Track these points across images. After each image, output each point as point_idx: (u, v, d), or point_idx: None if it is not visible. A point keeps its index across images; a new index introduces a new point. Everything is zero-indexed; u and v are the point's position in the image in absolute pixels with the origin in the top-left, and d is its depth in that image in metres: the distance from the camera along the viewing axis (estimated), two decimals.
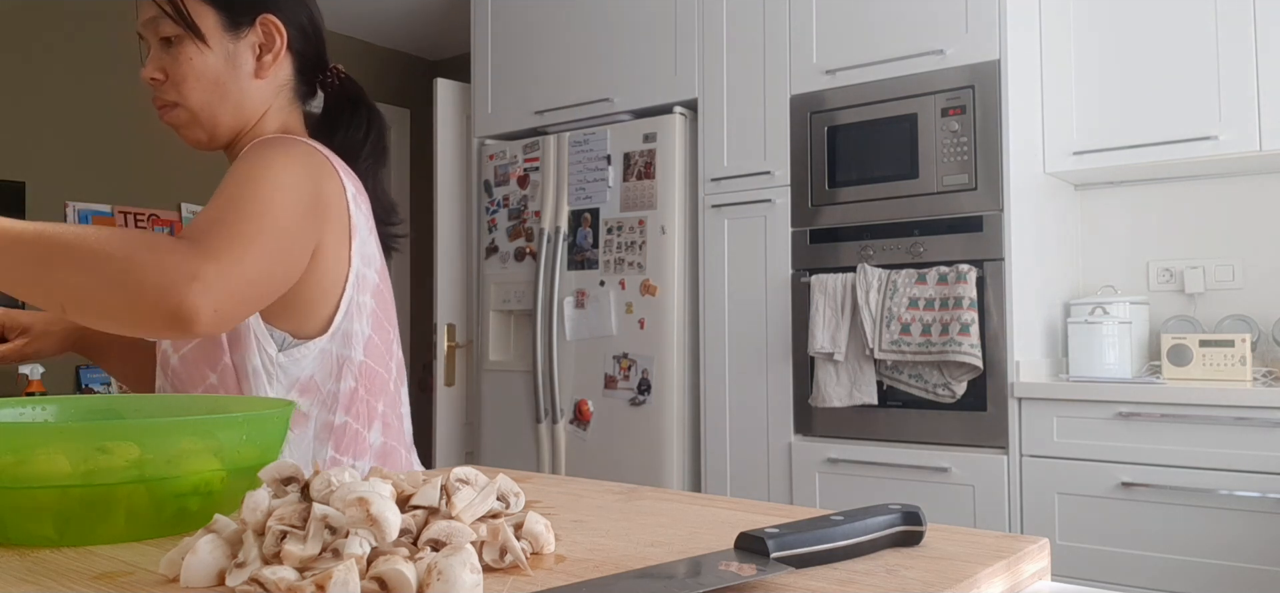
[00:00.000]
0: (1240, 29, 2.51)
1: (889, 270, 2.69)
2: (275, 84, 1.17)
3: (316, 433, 1.09)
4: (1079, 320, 2.66)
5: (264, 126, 1.17)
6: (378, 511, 0.50)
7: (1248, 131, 2.50)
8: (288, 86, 1.19)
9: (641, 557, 0.57)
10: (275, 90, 1.18)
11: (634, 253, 3.15)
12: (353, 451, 1.11)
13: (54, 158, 3.85)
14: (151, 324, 0.84)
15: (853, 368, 2.73)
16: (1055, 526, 2.47)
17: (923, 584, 0.49)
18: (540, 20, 3.53)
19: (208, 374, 1.07)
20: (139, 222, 4.08)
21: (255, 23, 1.14)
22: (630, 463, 3.12)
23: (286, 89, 1.19)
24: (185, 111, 1.12)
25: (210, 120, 1.13)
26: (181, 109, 1.12)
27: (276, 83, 1.18)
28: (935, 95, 2.67)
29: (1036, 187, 2.75)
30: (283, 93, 1.19)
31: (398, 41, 4.99)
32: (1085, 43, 2.74)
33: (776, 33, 2.98)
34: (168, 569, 0.52)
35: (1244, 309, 2.77)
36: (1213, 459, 2.28)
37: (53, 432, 0.60)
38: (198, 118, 1.12)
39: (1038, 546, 0.58)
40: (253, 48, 1.15)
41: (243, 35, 1.14)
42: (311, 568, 0.48)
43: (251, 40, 1.14)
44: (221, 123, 1.13)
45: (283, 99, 1.19)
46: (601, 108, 3.34)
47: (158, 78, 1.11)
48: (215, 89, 1.12)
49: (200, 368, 1.07)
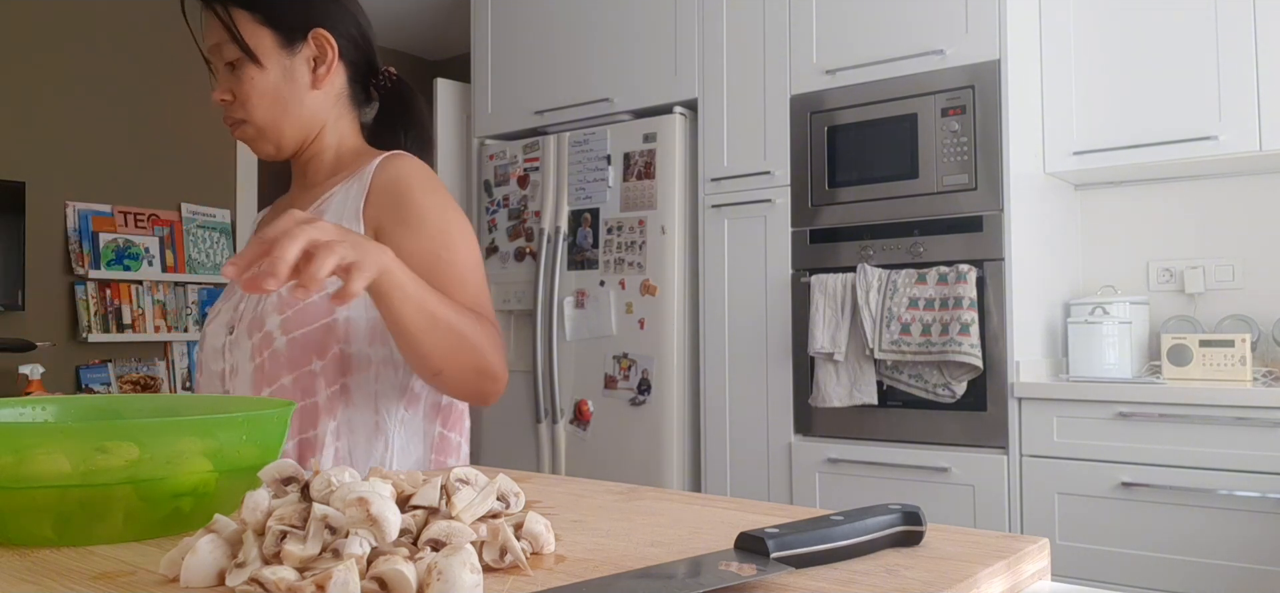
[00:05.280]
0: (1240, 29, 2.51)
1: (889, 270, 2.69)
2: (332, 93, 1.25)
3: (426, 412, 1.19)
4: (1079, 320, 2.66)
5: (326, 135, 1.25)
6: (378, 511, 0.50)
7: (1248, 131, 2.50)
8: (344, 95, 1.27)
9: (641, 557, 0.57)
10: (333, 99, 1.25)
11: (634, 253, 3.15)
12: (458, 428, 1.23)
13: (54, 158, 3.85)
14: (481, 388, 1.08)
15: (853, 368, 2.73)
16: (1055, 526, 2.47)
17: (923, 584, 0.49)
18: (540, 20, 3.53)
19: (314, 360, 1.11)
20: (139, 221, 4.08)
21: (307, 37, 1.21)
22: (630, 463, 3.12)
23: (343, 97, 1.27)
24: (253, 128, 1.20)
25: (276, 134, 1.20)
26: (249, 126, 1.19)
27: (333, 92, 1.25)
28: (935, 95, 2.67)
29: (1036, 187, 2.75)
30: (340, 101, 1.26)
31: (398, 41, 4.98)
32: (1085, 43, 2.74)
33: (776, 33, 2.98)
34: (168, 569, 0.52)
35: (1244, 309, 2.77)
36: (1213, 459, 2.28)
37: (52, 432, 0.60)
38: (265, 133, 1.20)
39: (1038, 546, 0.58)
40: (308, 61, 1.22)
41: (297, 51, 1.21)
42: (311, 568, 0.48)
43: (305, 55, 1.22)
44: (286, 135, 1.21)
45: (341, 107, 1.26)
46: (601, 108, 3.34)
47: (226, 99, 1.19)
48: (277, 105, 1.19)
49: (308, 354, 1.11)
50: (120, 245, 4.00)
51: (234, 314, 1.20)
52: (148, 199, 4.13)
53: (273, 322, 1.12)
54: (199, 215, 4.27)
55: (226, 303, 1.24)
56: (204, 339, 1.23)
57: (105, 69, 3.99)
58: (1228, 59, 2.53)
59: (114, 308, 3.97)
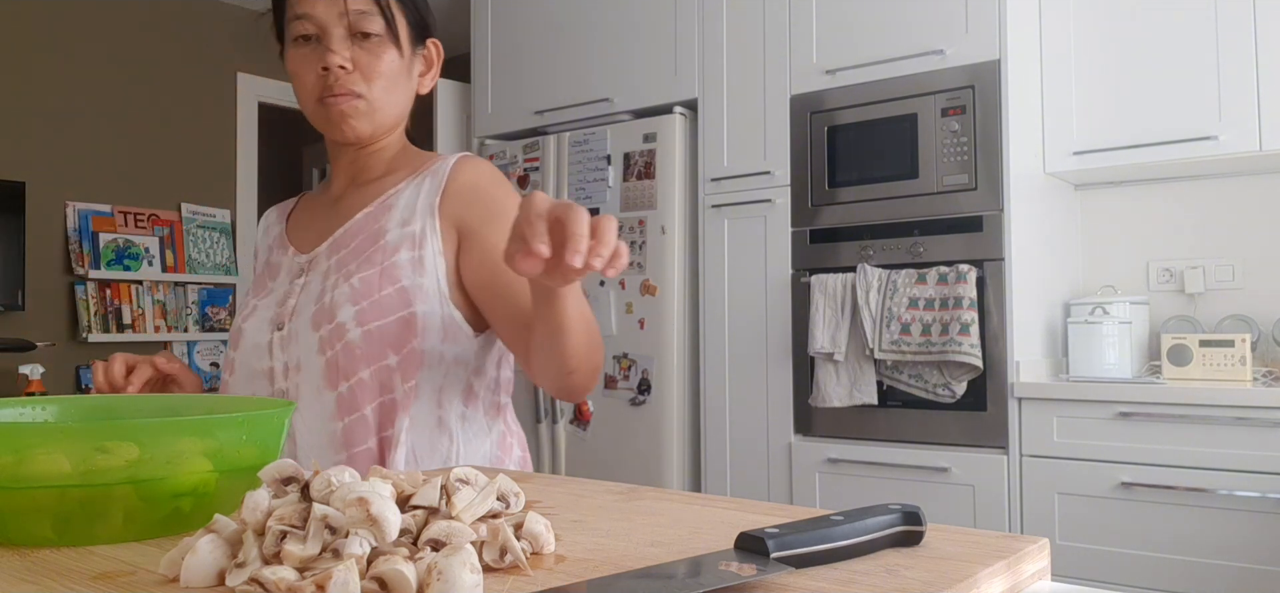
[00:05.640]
0: (1240, 29, 2.51)
1: (889, 270, 2.69)
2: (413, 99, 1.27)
3: (486, 411, 1.20)
4: (1079, 320, 2.66)
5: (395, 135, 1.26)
6: (378, 511, 0.50)
7: (1248, 131, 2.50)
8: None
9: (641, 557, 0.57)
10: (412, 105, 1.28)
11: (634, 253, 3.15)
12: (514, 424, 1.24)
13: (54, 158, 3.85)
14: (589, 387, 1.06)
15: (853, 368, 2.73)
16: (1055, 526, 2.47)
17: (923, 584, 0.49)
18: (540, 20, 3.53)
19: (389, 353, 1.10)
20: (139, 221, 4.08)
21: (426, 41, 1.24)
22: (630, 463, 3.12)
23: None
24: (366, 103, 1.17)
25: (382, 118, 1.19)
26: (362, 101, 1.16)
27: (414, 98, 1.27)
28: (935, 95, 2.67)
29: (1036, 187, 2.75)
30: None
31: None
32: (1085, 43, 2.74)
33: (776, 33, 2.98)
34: (168, 569, 0.52)
35: (1244, 309, 2.77)
36: (1212, 459, 2.28)
37: (52, 432, 0.60)
38: (374, 113, 1.18)
39: (1038, 546, 0.58)
40: (422, 61, 1.25)
41: (418, 51, 1.23)
42: (311, 568, 0.48)
43: (422, 55, 1.24)
44: (386, 122, 1.20)
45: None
46: (601, 108, 3.34)
47: (346, 66, 1.15)
48: (394, 90, 1.19)
49: (383, 347, 1.10)
50: (120, 245, 4.00)
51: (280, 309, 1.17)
52: (148, 199, 4.13)
53: (346, 313, 1.10)
54: (199, 215, 4.27)
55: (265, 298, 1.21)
56: (239, 337, 1.20)
57: (105, 69, 3.99)
58: (1228, 59, 2.53)
59: (114, 308, 3.97)
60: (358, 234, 1.18)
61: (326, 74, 1.15)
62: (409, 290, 1.11)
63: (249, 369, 1.17)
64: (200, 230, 4.26)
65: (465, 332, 1.15)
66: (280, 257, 1.26)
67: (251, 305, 1.22)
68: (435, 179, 1.18)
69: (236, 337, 1.21)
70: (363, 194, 1.23)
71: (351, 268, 1.14)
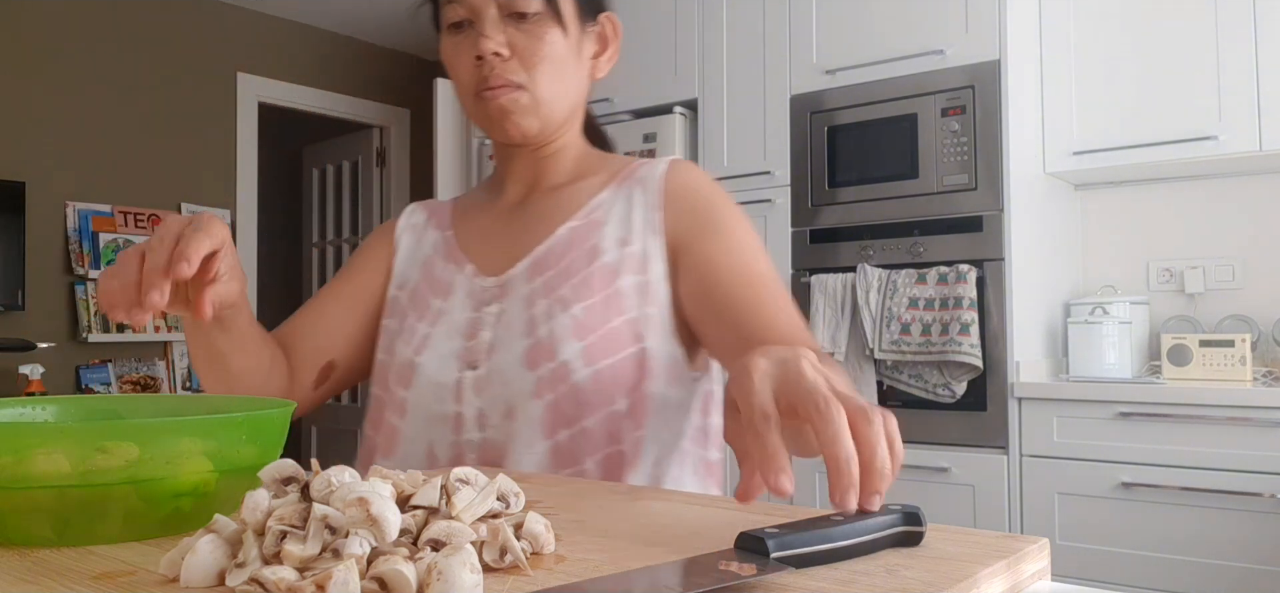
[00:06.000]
0: (1240, 29, 2.51)
1: (889, 270, 2.69)
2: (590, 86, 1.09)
3: (695, 469, 1.04)
4: (1079, 320, 2.66)
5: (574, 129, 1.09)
6: (378, 511, 0.50)
7: (1248, 132, 2.50)
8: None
9: (641, 557, 0.57)
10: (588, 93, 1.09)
11: None
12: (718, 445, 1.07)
13: (54, 158, 3.85)
14: None
15: (853, 368, 2.73)
16: (1055, 526, 2.47)
17: (923, 584, 0.49)
18: None
19: (618, 398, 0.95)
20: (139, 221, 4.08)
21: (598, 17, 1.07)
22: None
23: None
24: (529, 96, 1.00)
25: (550, 111, 1.02)
26: (525, 93, 0.99)
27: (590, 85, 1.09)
28: (935, 95, 2.67)
29: (1036, 187, 2.75)
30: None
31: (398, 41, 4.99)
32: (1085, 43, 2.74)
33: (776, 33, 2.98)
34: (168, 569, 0.52)
35: (1244, 309, 2.77)
36: (1213, 459, 2.28)
37: (52, 432, 0.60)
38: (540, 106, 1.01)
39: (1038, 546, 0.58)
40: (594, 41, 1.07)
41: (588, 29, 1.05)
42: (311, 568, 0.48)
43: (594, 33, 1.07)
44: (556, 116, 1.03)
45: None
46: (601, 108, 3.34)
47: (503, 53, 0.98)
48: (563, 77, 1.02)
49: (613, 391, 0.95)
50: (120, 245, 4.00)
51: (470, 344, 0.99)
52: (148, 199, 4.13)
53: (570, 349, 0.93)
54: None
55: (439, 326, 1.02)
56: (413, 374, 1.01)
57: (105, 69, 3.99)
58: (1228, 59, 2.53)
59: None
60: (566, 253, 1.01)
61: (481, 63, 0.98)
62: (638, 323, 0.96)
63: (428, 413, 1.00)
64: None
65: (687, 372, 1.00)
66: (451, 273, 1.07)
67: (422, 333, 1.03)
68: (647, 189, 1.02)
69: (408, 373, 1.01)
70: (552, 203, 1.06)
71: (567, 295, 0.97)
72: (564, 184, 1.07)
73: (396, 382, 1.02)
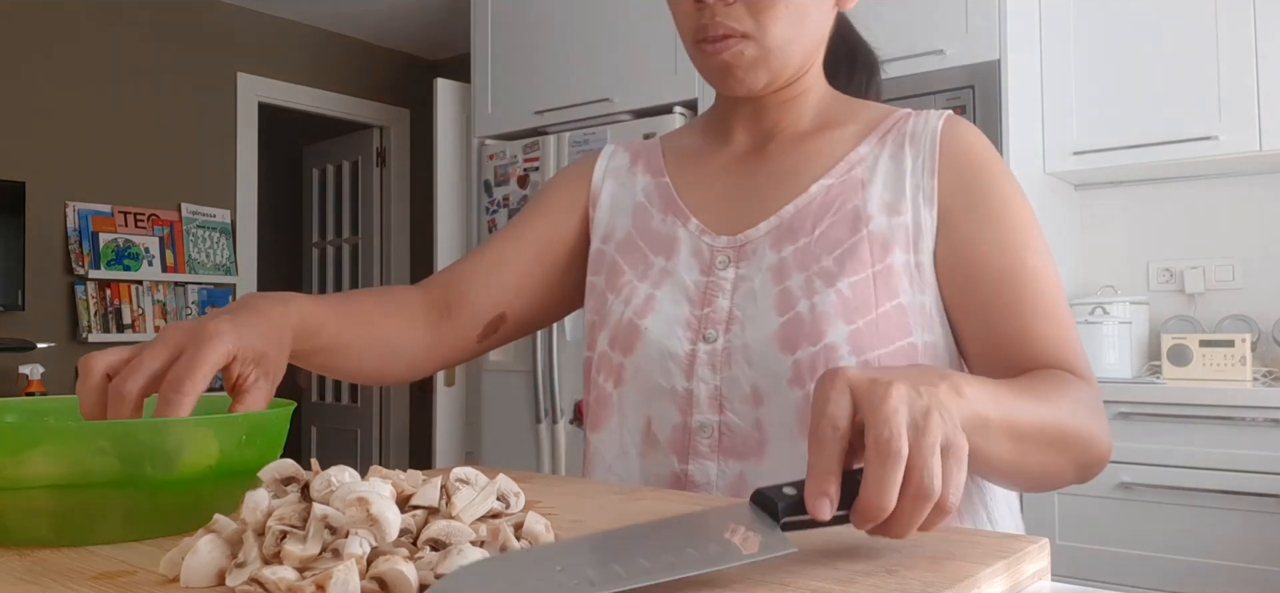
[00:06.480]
0: (1240, 29, 2.51)
1: None
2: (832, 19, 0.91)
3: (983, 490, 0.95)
4: (1079, 320, 2.66)
5: (814, 71, 0.93)
6: (378, 511, 0.50)
7: (1248, 132, 2.50)
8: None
9: None
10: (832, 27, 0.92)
11: None
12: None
13: (54, 158, 3.85)
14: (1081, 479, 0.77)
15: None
16: (1055, 526, 2.47)
17: (923, 584, 0.49)
18: (540, 20, 3.53)
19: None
20: (139, 221, 4.08)
21: None
22: None
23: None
24: (756, 47, 0.84)
25: (782, 61, 0.86)
26: (752, 44, 0.84)
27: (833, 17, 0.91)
28: (935, 95, 2.67)
29: (1036, 187, 2.74)
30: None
31: (398, 41, 4.99)
32: (1085, 43, 2.74)
33: None
34: (168, 569, 0.52)
35: (1244, 309, 2.77)
36: (1213, 459, 2.28)
37: (52, 432, 0.60)
38: (769, 56, 0.85)
39: (1038, 546, 0.58)
40: None
41: None
42: (311, 568, 0.48)
43: None
44: (790, 64, 0.87)
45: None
46: (601, 108, 3.34)
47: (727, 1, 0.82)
48: (799, 21, 0.85)
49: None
50: (120, 245, 4.00)
51: (705, 312, 0.86)
52: (148, 199, 4.13)
53: (837, 332, 0.80)
54: (199, 215, 4.27)
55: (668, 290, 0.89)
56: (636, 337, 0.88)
57: (105, 69, 3.99)
58: (1228, 59, 2.53)
59: (114, 308, 3.97)
60: (822, 216, 0.86)
61: (701, 8, 0.84)
62: (908, 310, 0.82)
63: (650, 385, 0.87)
64: (200, 230, 4.26)
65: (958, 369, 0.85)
66: (672, 226, 0.93)
67: (644, 293, 0.90)
68: (919, 147, 0.87)
69: (631, 337, 0.88)
70: (798, 156, 0.91)
71: (830, 267, 0.82)
72: (808, 133, 0.92)
73: (612, 344, 0.90)
